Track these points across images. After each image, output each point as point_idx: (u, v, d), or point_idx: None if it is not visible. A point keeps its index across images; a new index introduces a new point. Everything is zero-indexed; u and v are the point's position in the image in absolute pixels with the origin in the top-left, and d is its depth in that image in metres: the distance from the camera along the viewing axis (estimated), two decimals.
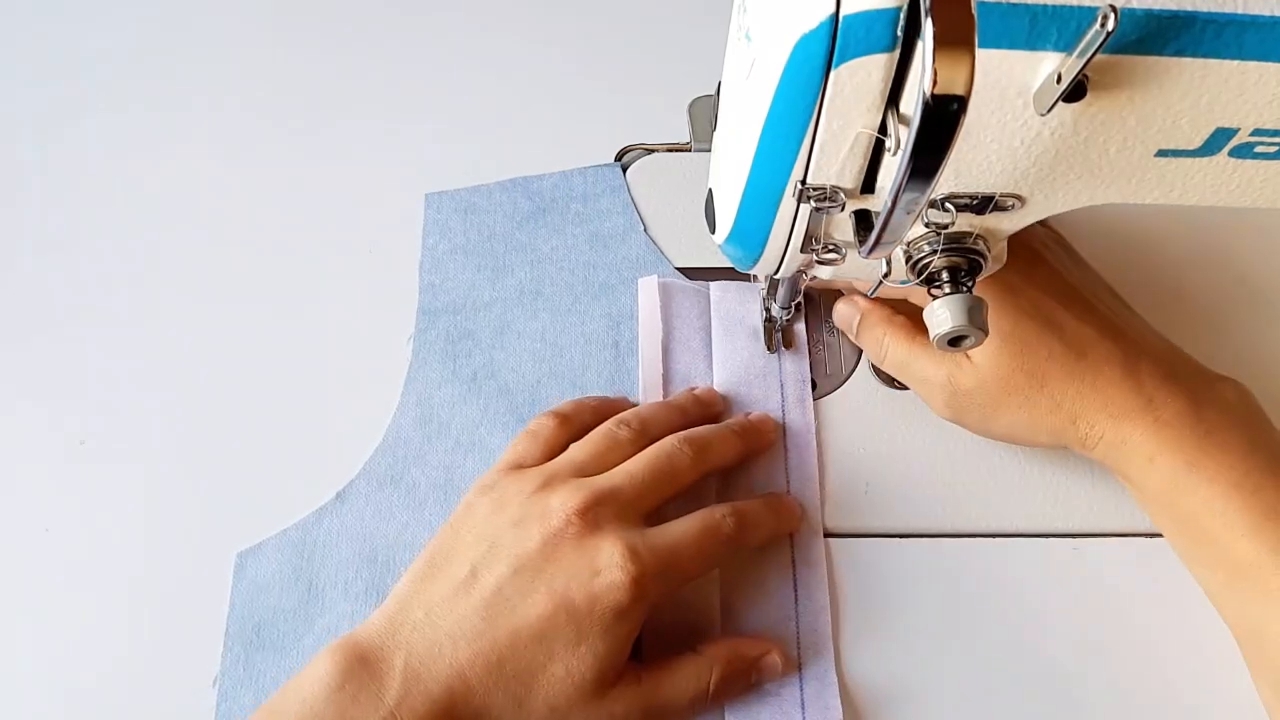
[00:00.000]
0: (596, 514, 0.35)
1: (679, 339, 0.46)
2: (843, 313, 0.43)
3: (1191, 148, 0.28)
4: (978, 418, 0.39)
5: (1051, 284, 0.39)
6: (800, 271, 0.38)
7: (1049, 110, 0.26)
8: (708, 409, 0.43)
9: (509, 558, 0.34)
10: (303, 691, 0.32)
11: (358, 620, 0.37)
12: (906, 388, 0.44)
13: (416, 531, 0.41)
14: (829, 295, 0.46)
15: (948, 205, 0.31)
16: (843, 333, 0.45)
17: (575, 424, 0.40)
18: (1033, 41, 0.25)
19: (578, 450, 0.38)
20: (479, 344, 0.46)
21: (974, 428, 0.40)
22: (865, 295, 0.42)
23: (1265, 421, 0.37)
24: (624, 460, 0.38)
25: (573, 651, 0.33)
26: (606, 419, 0.40)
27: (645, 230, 0.49)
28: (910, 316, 0.41)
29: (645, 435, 0.39)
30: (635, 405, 0.42)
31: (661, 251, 0.49)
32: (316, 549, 0.41)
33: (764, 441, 0.42)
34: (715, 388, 0.44)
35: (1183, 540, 0.37)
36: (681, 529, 0.36)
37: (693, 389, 0.43)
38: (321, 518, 0.42)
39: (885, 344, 0.41)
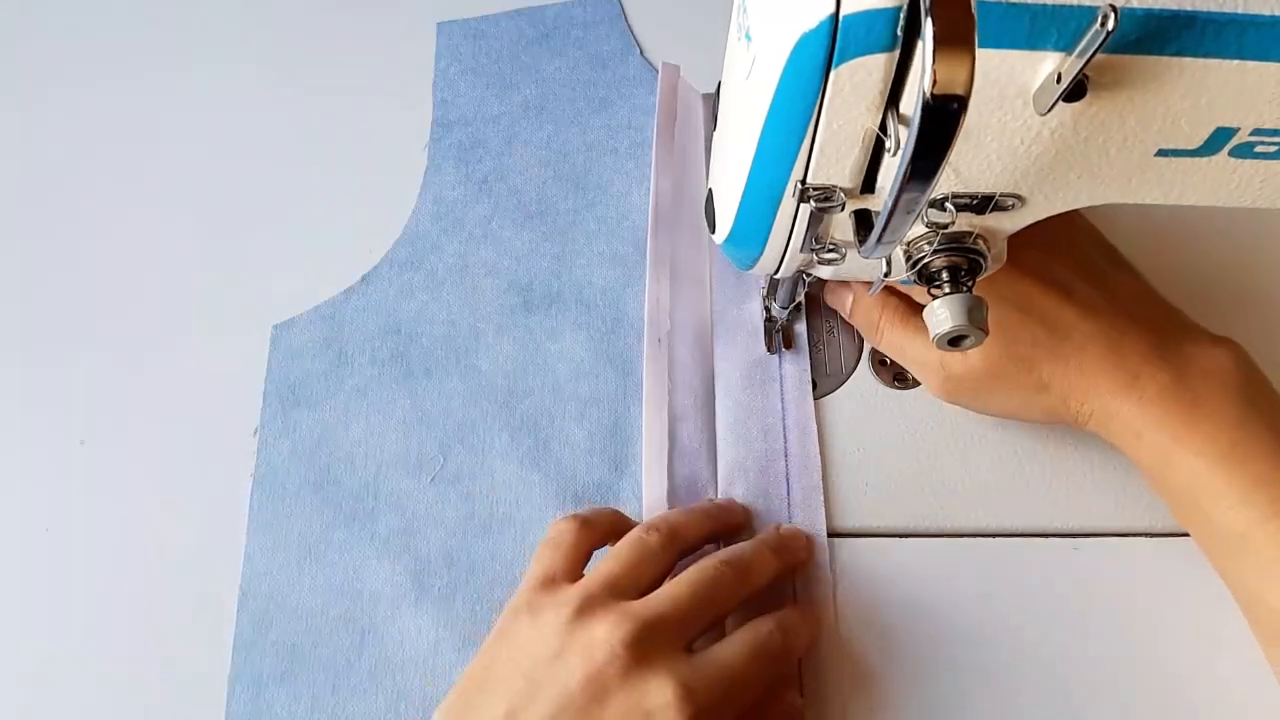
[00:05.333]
0: (643, 645, 0.32)
1: (688, 130, 0.50)
2: (837, 293, 0.44)
3: (1191, 148, 0.28)
4: (972, 400, 0.40)
5: (1029, 268, 0.38)
6: (800, 271, 0.38)
7: (1049, 110, 0.26)
8: (731, 516, 0.41)
9: (550, 698, 0.31)
10: None
11: (384, 383, 0.44)
12: (906, 387, 0.44)
13: (435, 309, 0.46)
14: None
15: (948, 205, 0.31)
16: (842, 329, 0.45)
17: (596, 527, 0.38)
18: (1033, 41, 0.25)
19: (610, 564, 0.36)
20: (489, 151, 0.51)
21: (971, 408, 0.41)
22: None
23: (1260, 385, 0.37)
24: (658, 571, 0.36)
25: None
26: (625, 527, 0.38)
27: (641, 54, 0.53)
28: (904, 298, 0.41)
29: (675, 543, 0.37)
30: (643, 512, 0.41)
31: (658, 72, 0.52)
32: (345, 322, 0.46)
33: (798, 557, 0.40)
34: (716, 388, 0.44)
35: (1180, 512, 0.37)
36: (731, 653, 0.34)
37: (711, 499, 0.42)
38: (349, 297, 0.47)
39: (880, 327, 0.41)
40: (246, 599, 0.40)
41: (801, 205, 0.31)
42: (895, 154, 0.27)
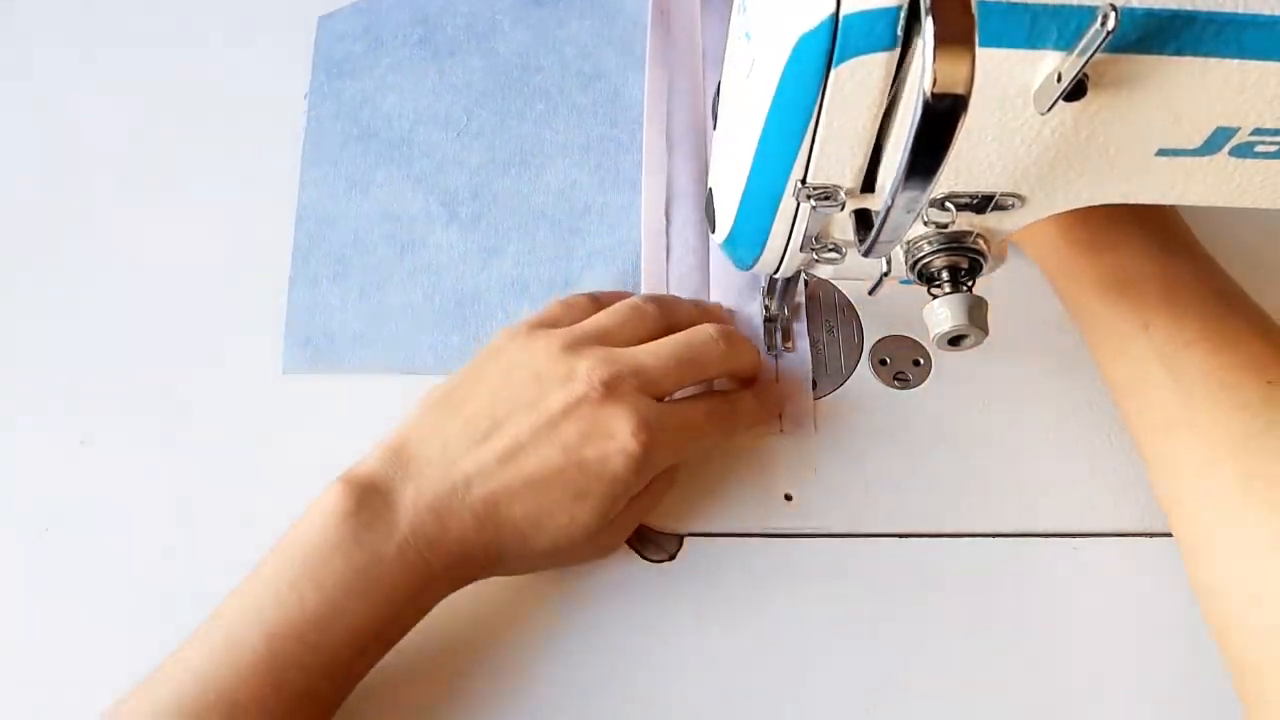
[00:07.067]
0: (618, 385, 0.36)
1: None
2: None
3: (1191, 147, 0.28)
4: None
5: None
6: (800, 271, 0.38)
7: (1049, 109, 0.26)
8: (721, 315, 0.44)
9: (530, 414, 0.35)
10: (315, 520, 0.33)
11: (415, 61, 0.52)
12: (906, 387, 0.44)
13: (458, 4, 0.54)
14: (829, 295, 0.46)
15: (948, 204, 0.31)
16: (842, 329, 0.45)
17: (607, 305, 0.41)
18: (1033, 40, 0.25)
19: (603, 317, 0.39)
20: None
21: None
22: None
23: (1163, 219, 0.41)
24: (646, 334, 0.39)
25: (578, 503, 0.35)
26: None
27: None
28: None
29: (669, 316, 0.40)
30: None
31: None
32: (380, 15, 0.53)
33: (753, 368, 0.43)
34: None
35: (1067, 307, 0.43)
36: (691, 408, 0.38)
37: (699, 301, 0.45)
38: None
39: None
40: (302, 220, 0.48)
41: (801, 205, 0.31)
42: (896, 153, 0.27)
